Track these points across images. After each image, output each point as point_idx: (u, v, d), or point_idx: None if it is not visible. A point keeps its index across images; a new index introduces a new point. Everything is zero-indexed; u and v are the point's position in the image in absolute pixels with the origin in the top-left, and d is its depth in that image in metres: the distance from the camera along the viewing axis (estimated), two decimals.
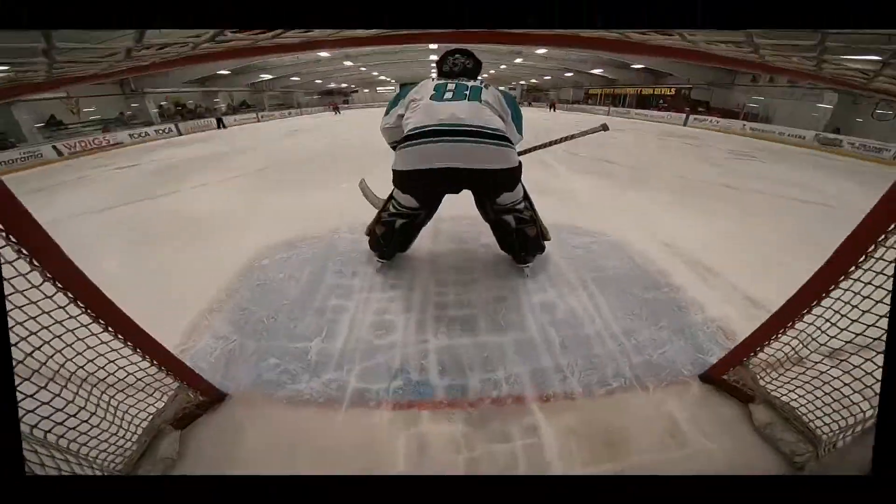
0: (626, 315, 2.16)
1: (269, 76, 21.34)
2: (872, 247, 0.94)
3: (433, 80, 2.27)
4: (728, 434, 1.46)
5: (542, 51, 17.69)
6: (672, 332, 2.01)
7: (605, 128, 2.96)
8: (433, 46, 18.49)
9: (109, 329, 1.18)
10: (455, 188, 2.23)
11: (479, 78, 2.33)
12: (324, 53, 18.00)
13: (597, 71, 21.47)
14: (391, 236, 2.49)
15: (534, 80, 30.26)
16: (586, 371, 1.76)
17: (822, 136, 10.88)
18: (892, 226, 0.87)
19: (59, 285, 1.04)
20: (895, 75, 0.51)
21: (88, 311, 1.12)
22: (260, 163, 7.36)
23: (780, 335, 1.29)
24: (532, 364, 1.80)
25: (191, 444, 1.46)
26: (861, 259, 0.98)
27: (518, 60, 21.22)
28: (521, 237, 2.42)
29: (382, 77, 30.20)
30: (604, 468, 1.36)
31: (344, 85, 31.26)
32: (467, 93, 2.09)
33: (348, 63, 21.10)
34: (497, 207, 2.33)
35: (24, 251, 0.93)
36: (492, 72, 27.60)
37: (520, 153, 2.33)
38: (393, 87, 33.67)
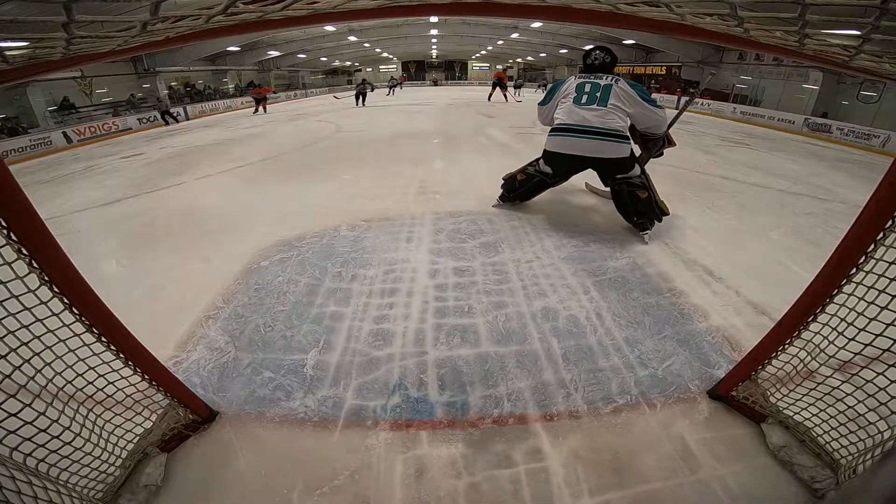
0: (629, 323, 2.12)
1: (277, 52, 21.05)
2: (872, 246, 0.92)
3: (576, 77, 3.07)
4: (741, 458, 1.39)
5: (537, 24, 18.12)
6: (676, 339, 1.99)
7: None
8: (434, 20, 19.16)
9: (103, 339, 1.14)
10: (580, 167, 3.11)
11: (614, 73, 3.02)
12: (329, 28, 18.21)
13: (590, 47, 21.39)
14: (526, 184, 3.49)
15: (530, 58, 30.16)
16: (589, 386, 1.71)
17: (812, 121, 10.84)
18: (890, 223, 0.86)
19: (56, 290, 1.00)
20: (876, 52, 0.53)
21: (83, 319, 1.08)
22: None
23: (786, 346, 1.25)
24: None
25: (177, 469, 1.39)
26: (861, 260, 0.96)
27: (514, 35, 21.77)
28: (632, 199, 3.01)
29: (385, 54, 30.80)
30: (612, 496, 1.28)
31: (348, 63, 31.19)
32: (599, 95, 2.88)
33: (353, 38, 21.22)
34: (616, 179, 3.05)
35: (24, 251, 0.91)
36: (489, 48, 28.21)
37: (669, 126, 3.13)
38: (395, 66, 34.84)
